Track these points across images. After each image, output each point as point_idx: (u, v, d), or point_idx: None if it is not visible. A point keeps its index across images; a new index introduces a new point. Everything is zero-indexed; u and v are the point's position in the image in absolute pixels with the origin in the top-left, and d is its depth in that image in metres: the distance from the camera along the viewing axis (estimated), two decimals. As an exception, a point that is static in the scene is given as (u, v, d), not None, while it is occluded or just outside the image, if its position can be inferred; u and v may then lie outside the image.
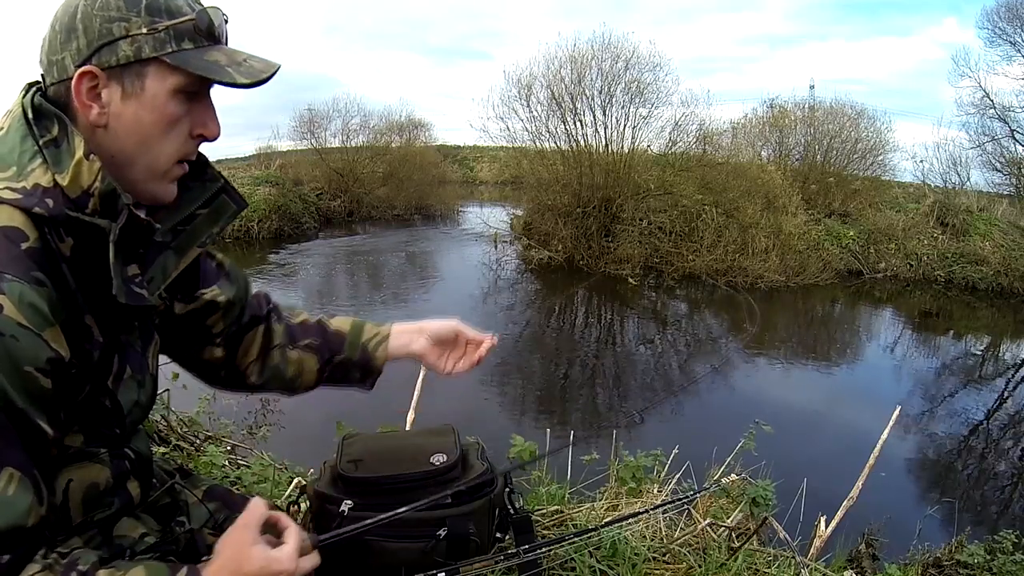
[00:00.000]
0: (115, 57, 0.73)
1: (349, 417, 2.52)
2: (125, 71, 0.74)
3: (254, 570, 0.73)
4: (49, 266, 0.72)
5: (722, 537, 1.76)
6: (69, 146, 0.73)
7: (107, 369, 0.81)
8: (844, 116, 14.04)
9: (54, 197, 0.72)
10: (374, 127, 17.80)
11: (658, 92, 11.75)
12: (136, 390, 0.86)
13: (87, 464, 0.81)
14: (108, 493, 0.85)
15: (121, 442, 0.87)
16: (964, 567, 2.43)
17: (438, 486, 1.37)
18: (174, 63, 0.74)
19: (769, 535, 2.14)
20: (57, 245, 0.73)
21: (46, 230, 0.72)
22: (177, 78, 0.75)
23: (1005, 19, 14.35)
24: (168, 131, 0.78)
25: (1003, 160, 14.37)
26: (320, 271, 11.35)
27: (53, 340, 0.70)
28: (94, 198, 0.74)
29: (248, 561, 0.73)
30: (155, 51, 0.74)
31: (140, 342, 0.88)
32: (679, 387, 5.84)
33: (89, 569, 0.69)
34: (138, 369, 0.87)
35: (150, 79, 0.75)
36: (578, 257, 11.58)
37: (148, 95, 0.75)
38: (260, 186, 14.43)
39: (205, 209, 0.91)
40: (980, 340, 9.25)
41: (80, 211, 0.73)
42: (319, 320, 1.14)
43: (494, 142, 13.50)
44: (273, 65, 0.80)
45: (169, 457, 2.15)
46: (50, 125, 0.74)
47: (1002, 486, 4.96)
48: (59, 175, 0.73)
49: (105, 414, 0.82)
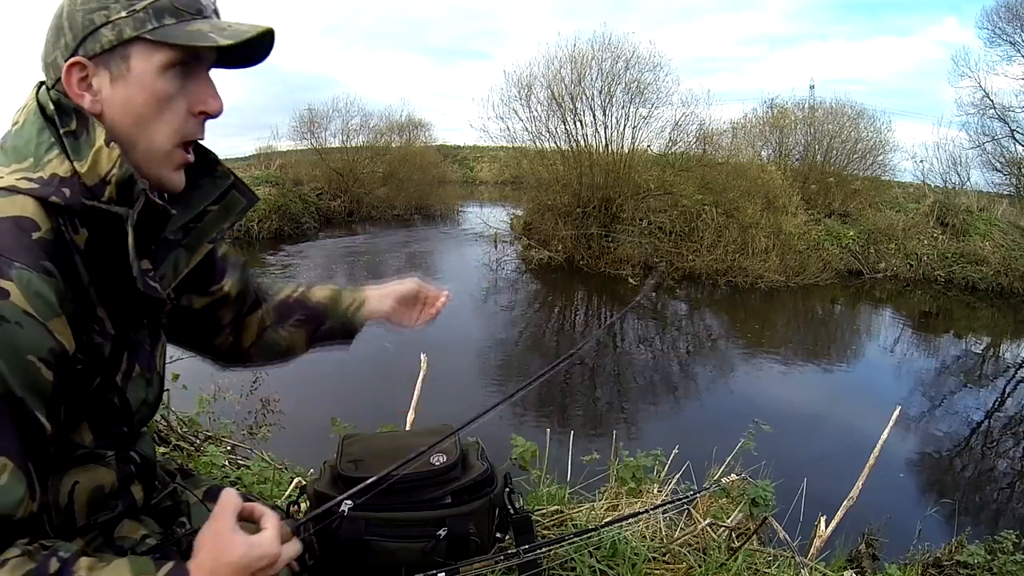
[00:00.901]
0: (99, 44, 0.74)
1: (349, 417, 2.52)
2: (111, 56, 0.75)
3: (235, 558, 0.72)
4: (61, 257, 0.71)
5: (722, 537, 1.76)
6: (89, 136, 0.74)
7: (116, 365, 0.81)
8: (844, 116, 14.06)
9: (71, 186, 0.73)
10: (374, 127, 17.84)
11: (658, 92, 11.78)
12: (144, 388, 0.87)
13: (93, 467, 0.82)
14: (112, 496, 0.85)
15: (128, 443, 0.87)
16: (964, 567, 2.43)
17: (438, 486, 1.37)
18: (155, 38, 0.74)
19: (769, 535, 2.14)
20: (71, 236, 0.73)
21: (61, 221, 0.73)
22: (162, 54, 0.75)
23: (1005, 19, 14.34)
24: (162, 109, 0.77)
25: (1003, 160, 14.36)
26: (320, 271, 11.35)
27: (58, 331, 0.69)
28: (111, 186, 0.74)
29: (229, 550, 0.72)
30: (135, 30, 0.74)
31: (149, 340, 0.89)
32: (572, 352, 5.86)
33: (70, 557, 0.68)
34: (147, 367, 0.87)
35: (135, 59, 0.75)
36: (578, 257, 11.58)
37: (135, 75, 0.75)
38: (260, 186, 14.41)
39: (216, 206, 0.91)
40: (980, 340, 9.25)
41: (96, 199, 0.74)
42: (301, 294, 1.19)
43: (494, 142, 13.52)
44: (259, 27, 0.78)
45: (169, 457, 2.16)
46: (68, 119, 0.75)
47: (1002, 486, 4.96)
48: (78, 163, 0.73)
49: (114, 412, 0.82)
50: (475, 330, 8.15)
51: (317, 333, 1.17)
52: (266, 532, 0.76)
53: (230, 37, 0.76)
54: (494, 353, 7.33)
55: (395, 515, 1.33)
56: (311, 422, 3.51)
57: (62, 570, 0.65)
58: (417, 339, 5.46)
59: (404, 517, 1.33)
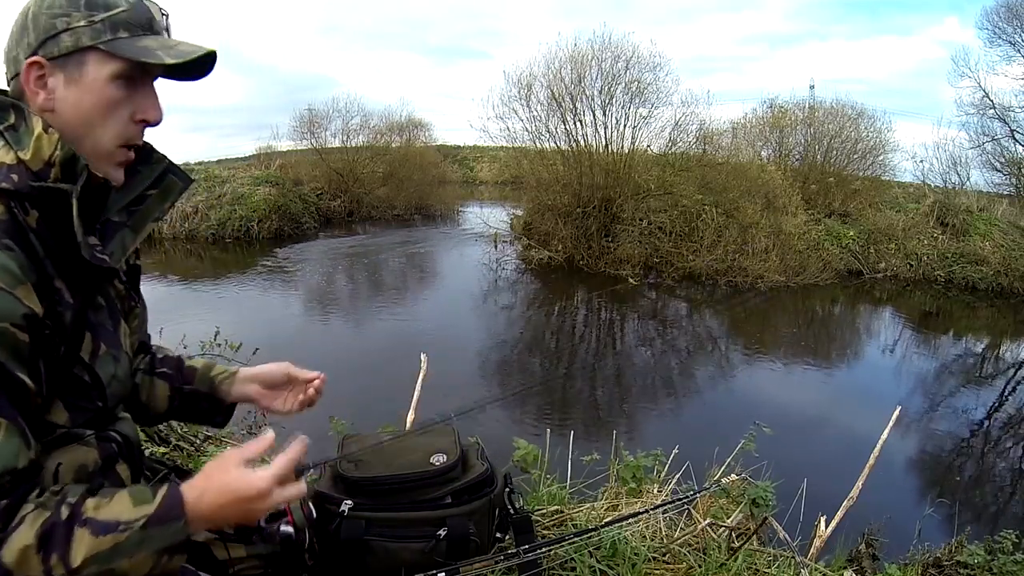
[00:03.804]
0: (57, 48, 0.81)
1: (350, 417, 2.51)
2: (68, 60, 0.82)
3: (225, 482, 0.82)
4: (18, 236, 0.78)
5: (722, 537, 1.76)
6: (28, 127, 0.82)
7: (79, 340, 0.85)
8: (844, 116, 14.05)
9: (18, 172, 0.80)
10: (374, 127, 17.86)
11: (658, 92, 11.75)
12: (112, 364, 0.91)
13: (74, 447, 0.86)
14: (97, 475, 0.88)
15: (105, 422, 0.92)
16: (964, 567, 2.42)
17: (438, 486, 1.37)
18: (108, 50, 0.82)
19: (769, 535, 2.14)
20: (23, 218, 0.79)
21: (12, 204, 0.78)
22: (114, 64, 0.83)
23: (1005, 19, 14.37)
24: (109, 114, 0.85)
25: (1003, 160, 14.37)
26: (320, 271, 11.34)
27: (25, 297, 0.76)
28: (55, 168, 0.81)
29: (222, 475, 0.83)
30: (92, 40, 0.82)
31: (111, 320, 0.93)
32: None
33: (78, 500, 0.76)
34: (112, 345, 0.92)
35: (89, 66, 0.83)
36: (578, 257, 11.58)
37: (87, 80, 0.83)
38: (260, 186, 14.42)
39: (155, 189, 0.99)
40: (980, 340, 9.24)
41: (43, 181, 0.80)
42: (179, 356, 1.20)
43: (494, 142, 13.48)
44: (202, 48, 0.86)
45: (169, 457, 2.16)
46: (6, 115, 0.83)
47: (1002, 486, 4.96)
48: (21, 152, 0.81)
49: (85, 388, 0.87)
50: (475, 330, 8.15)
51: (180, 392, 1.14)
52: (264, 469, 0.85)
53: (176, 57, 0.84)
54: (494, 353, 7.33)
55: (395, 515, 1.33)
56: (311, 422, 3.50)
57: (72, 514, 0.74)
58: (417, 339, 5.48)
59: (404, 517, 1.33)
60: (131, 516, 0.76)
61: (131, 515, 0.76)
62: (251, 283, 10.27)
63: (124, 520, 0.76)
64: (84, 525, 0.74)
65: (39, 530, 0.72)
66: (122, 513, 0.76)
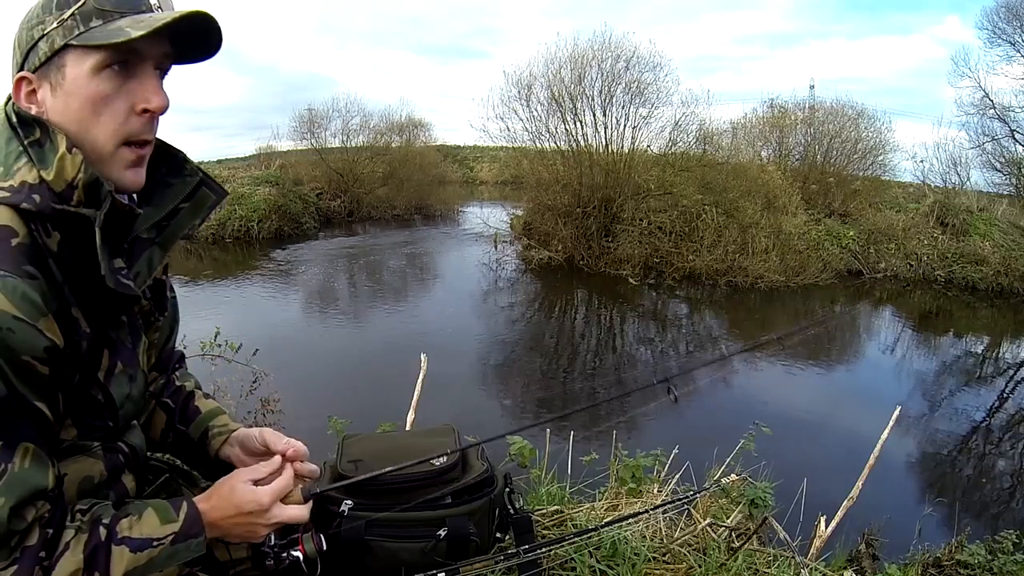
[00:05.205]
0: (37, 58, 0.78)
1: (350, 417, 2.51)
2: (49, 67, 0.78)
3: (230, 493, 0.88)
4: (38, 260, 0.75)
5: (722, 537, 1.76)
6: (52, 144, 0.77)
7: (96, 362, 0.84)
8: (844, 116, 14.06)
9: (41, 193, 0.76)
10: (374, 127, 17.86)
11: (658, 92, 11.76)
12: (127, 384, 0.89)
13: (80, 458, 0.85)
14: (103, 486, 0.88)
15: (114, 436, 0.90)
16: (964, 567, 2.42)
17: (438, 486, 1.37)
18: (80, 43, 0.76)
19: (769, 535, 2.13)
20: (44, 240, 0.76)
21: (33, 226, 0.76)
22: (93, 57, 0.77)
23: (1005, 19, 14.38)
24: (98, 111, 0.79)
25: (1003, 160, 14.38)
26: (320, 271, 11.34)
27: (48, 329, 0.74)
28: (78, 190, 0.77)
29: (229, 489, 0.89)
30: (64, 38, 0.77)
31: (130, 338, 0.91)
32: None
33: (111, 521, 0.79)
34: (129, 364, 0.89)
35: (69, 66, 0.78)
36: (578, 257, 11.58)
37: (69, 81, 0.78)
38: (260, 186, 14.43)
39: (187, 203, 0.94)
40: (980, 340, 9.24)
41: (65, 203, 0.77)
42: (192, 391, 1.15)
43: (494, 142, 13.50)
44: (178, 12, 0.78)
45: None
46: (31, 130, 0.78)
47: (1002, 486, 4.96)
48: (44, 171, 0.76)
49: (98, 407, 0.85)
50: (475, 330, 8.15)
51: (174, 429, 1.10)
52: (267, 486, 0.90)
53: (142, 28, 0.76)
54: (494, 353, 7.33)
55: (395, 515, 1.33)
56: (311, 422, 3.51)
57: (110, 534, 0.78)
58: (417, 339, 5.48)
59: (404, 517, 1.33)
60: (161, 533, 0.82)
61: (161, 532, 0.82)
62: (251, 283, 10.27)
63: (156, 537, 0.81)
64: (121, 543, 0.79)
65: (85, 553, 0.76)
66: (153, 531, 0.81)
